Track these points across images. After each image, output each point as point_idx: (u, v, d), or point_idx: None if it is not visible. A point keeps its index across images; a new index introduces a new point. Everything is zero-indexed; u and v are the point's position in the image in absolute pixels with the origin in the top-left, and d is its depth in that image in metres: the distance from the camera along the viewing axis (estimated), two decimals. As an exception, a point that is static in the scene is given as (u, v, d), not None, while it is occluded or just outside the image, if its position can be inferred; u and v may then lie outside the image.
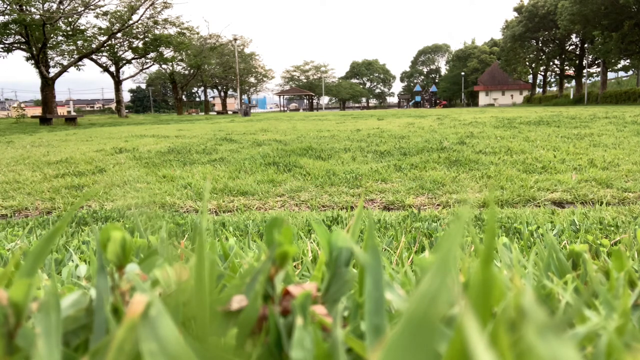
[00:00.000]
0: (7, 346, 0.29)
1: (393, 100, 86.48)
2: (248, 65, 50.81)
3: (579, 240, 1.52)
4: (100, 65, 27.67)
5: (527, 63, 47.30)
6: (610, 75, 45.57)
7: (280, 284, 0.36)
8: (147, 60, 30.53)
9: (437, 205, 3.71)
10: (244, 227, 2.59)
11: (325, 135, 8.85)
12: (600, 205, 3.46)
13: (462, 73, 65.44)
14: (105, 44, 24.61)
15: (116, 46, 26.83)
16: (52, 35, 21.28)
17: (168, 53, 29.86)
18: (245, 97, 58.34)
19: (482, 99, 61.88)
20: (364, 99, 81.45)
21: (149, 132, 10.61)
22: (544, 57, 46.43)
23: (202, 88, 47.90)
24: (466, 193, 4.07)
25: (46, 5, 20.65)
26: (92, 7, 22.39)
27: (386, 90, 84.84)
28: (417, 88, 73.96)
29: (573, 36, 42.80)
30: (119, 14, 24.29)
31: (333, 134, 9.05)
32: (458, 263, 0.45)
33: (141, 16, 25.17)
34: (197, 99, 70.31)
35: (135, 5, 23.95)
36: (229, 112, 39.35)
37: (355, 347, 0.30)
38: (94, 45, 24.28)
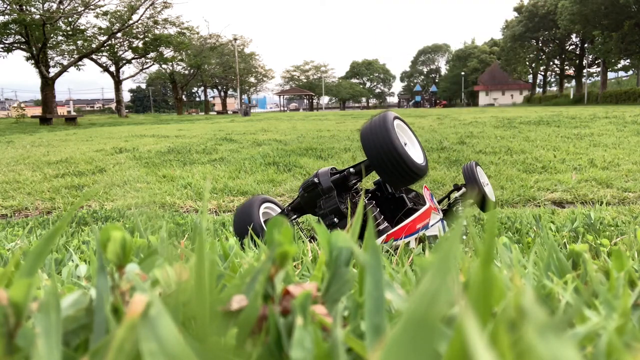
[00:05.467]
0: (7, 346, 0.29)
1: (393, 100, 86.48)
2: (248, 65, 50.80)
3: (579, 240, 1.52)
4: (100, 65, 27.66)
5: (527, 63, 47.31)
6: (610, 75, 45.59)
7: (280, 283, 0.36)
8: (147, 60, 30.51)
9: (437, 205, 3.71)
10: (244, 227, 2.58)
11: (325, 135, 8.85)
12: (600, 205, 3.46)
13: (462, 73, 65.43)
14: (105, 44, 24.59)
15: (116, 46, 26.81)
16: (52, 35, 21.28)
17: (168, 53, 29.85)
18: (245, 97, 58.33)
19: (482, 98, 61.89)
20: (364, 99, 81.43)
21: (149, 132, 10.61)
22: (544, 57, 46.44)
23: (202, 88, 47.89)
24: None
25: (46, 5, 20.65)
26: (92, 7, 22.38)
27: (386, 90, 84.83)
28: (417, 88, 73.95)
29: (573, 36, 42.82)
30: (119, 13, 24.28)
31: (333, 134, 9.05)
32: (458, 263, 0.45)
33: (141, 16, 25.17)
34: (197, 99, 70.30)
35: (135, 5, 23.94)
36: (229, 112, 39.35)
37: (355, 346, 0.30)
38: (94, 45, 24.27)
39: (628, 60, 34.88)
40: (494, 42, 65.55)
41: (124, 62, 28.80)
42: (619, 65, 38.10)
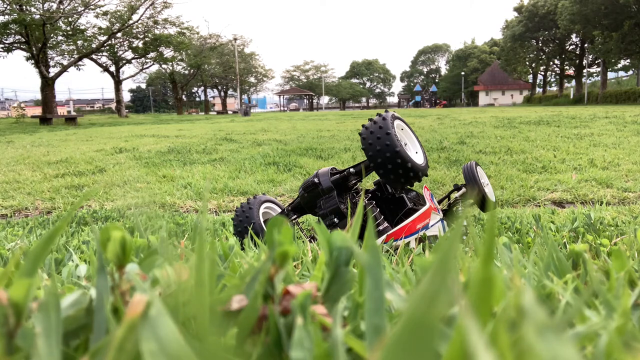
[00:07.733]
0: (7, 346, 0.29)
1: (393, 100, 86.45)
2: (248, 65, 50.80)
3: (579, 240, 1.52)
4: (100, 65, 27.66)
5: (527, 63, 47.29)
6: (610, 75, 45.62)
7: (280, 283, 0.36)
8: (147, 60, 30.51)
9: (437, 205, 3.71)
10: (244, 227, 2.58)
11: (325, 135, 8.85)
12: (600, 205, 3.46)
13: (462, 73, 65.40)
14: (105, 44, 24.60)
15: (116, 46, 26.81)
16: (52, 35, 21.28)
17: (168, 53, 29.85)
18: (245, 97, 58.35)
19: (482, 98, 61.88)
20: (364, 99, 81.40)
21: (149, 132, 10.61)
22: (544, 57, 46.42)
23: (202, 88, 47.88)
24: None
25: (46, 5, 20.64)
26: (92, 7, 22.38)
27: (386, 90, 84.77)
28: (417, 88, 73.94)
29: (573, 36, 42.79)
30: (119, 13, 24.28)
31: (333, 134, 9.05)
32: (458, 263, 0.45)
33: (141, 16, 25.17)
34: (197, 99, 70.27)
35: (135, 5, 23.94)
36: (229, 112, 39.36)
37: (355, 346, 0.30)
38: (94, 45, 24.27)
39: (628, 60, 34.89)
40: (494, 42, 65.48)
41: (124, 62, 28.80)
42: (619, 65, 38.12)
